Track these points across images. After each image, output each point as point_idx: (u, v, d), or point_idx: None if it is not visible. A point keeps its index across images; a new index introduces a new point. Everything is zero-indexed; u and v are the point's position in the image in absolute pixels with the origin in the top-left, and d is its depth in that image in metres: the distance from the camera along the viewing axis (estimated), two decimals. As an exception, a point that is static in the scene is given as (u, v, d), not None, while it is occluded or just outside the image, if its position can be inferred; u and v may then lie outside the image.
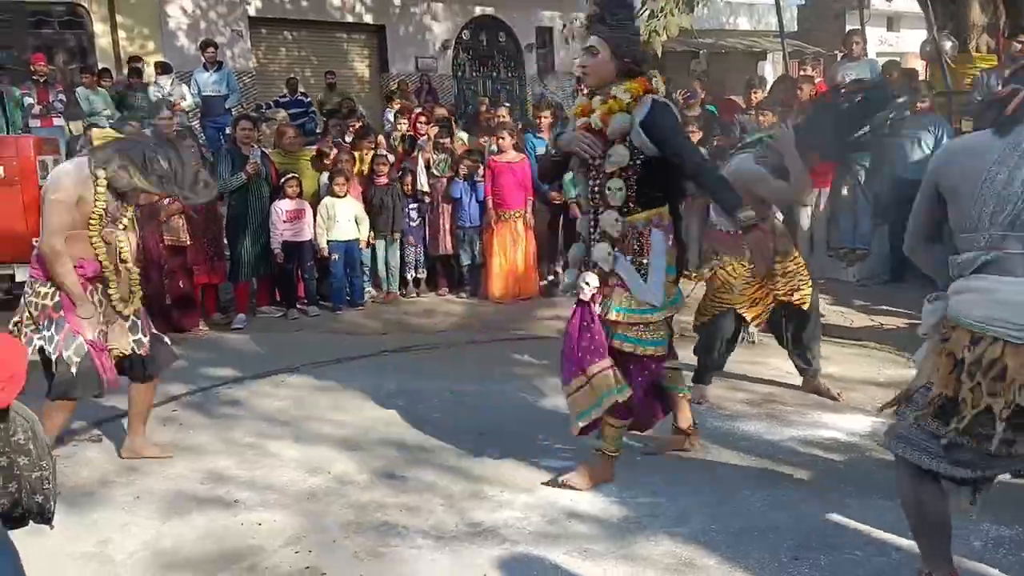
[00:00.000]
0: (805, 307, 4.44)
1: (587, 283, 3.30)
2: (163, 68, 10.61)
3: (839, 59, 9.01)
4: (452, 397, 4.70)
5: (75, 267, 3.54)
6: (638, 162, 3.24)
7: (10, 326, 3.59)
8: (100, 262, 3.58)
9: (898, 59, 10.74)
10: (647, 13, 8.14)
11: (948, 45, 7.30)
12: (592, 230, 3.41)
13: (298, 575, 2.89)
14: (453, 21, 15.89)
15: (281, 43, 14.38)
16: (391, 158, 7.53)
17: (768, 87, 8.46)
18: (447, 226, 7.49)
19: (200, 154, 6.89)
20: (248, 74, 13.36)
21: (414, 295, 7.49)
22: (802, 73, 8.66)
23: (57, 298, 3.53)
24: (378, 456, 3.90)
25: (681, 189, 3.51)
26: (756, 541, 3.00)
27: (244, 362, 5.48)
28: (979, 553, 2.87)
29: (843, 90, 6.72)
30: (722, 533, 3.06)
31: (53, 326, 3.52)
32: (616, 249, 3.29)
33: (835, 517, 3.17)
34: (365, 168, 7.39)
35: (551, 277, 7.67)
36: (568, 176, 7.15)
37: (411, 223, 7.42)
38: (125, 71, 10.38)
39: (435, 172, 7.52)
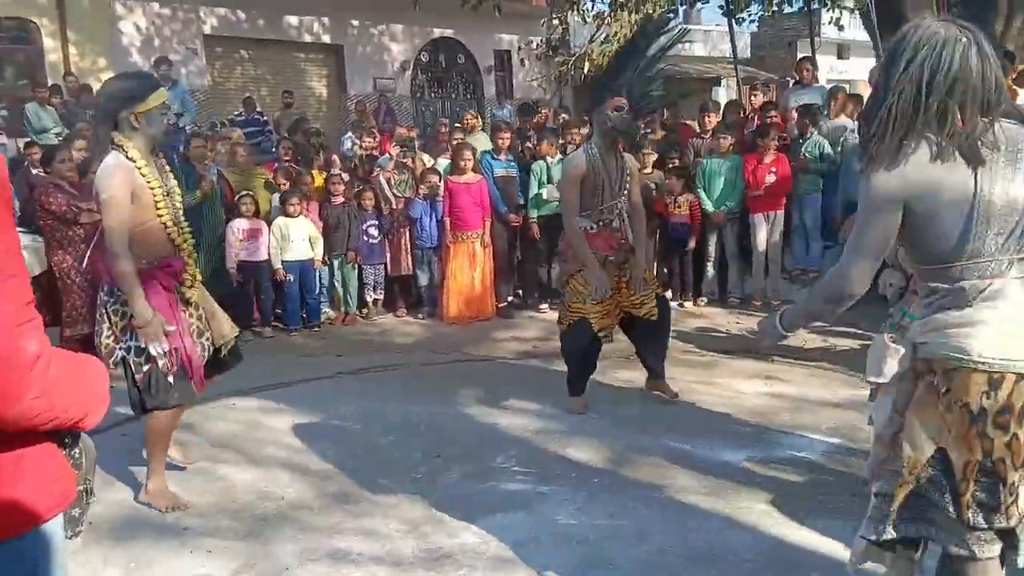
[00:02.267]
0: (652, 319, 4.67)
1: (890, 284, 3.36)
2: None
3: (791, 85, 9.21)
4: (409, 419, 4.64)
5: (161, 268, 3.38)
6: None
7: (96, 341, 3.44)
8: (175, 244, 3.45)
9: (847, 86, 11.00)
10: (602, 37, 8.24)
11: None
12: None
13: (249, 604, 2.81)
14: (412, 42, 15.92)
15: (237, 61, 14.25)
16: (346, 177, 7.48)
17: (720, 111, 8.59)
18: (407, 246, 7.45)
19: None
20: (203, 92, 13.20)
21: (373, 316, 7.42)
22: (752, 99, 8.84)
23: None
24: (333, 480, 3.82)
25: None
26: (713, 563, 2.99)
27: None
28: (932, 572, 2.89)
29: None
30: (679, 555, 3.05)
31: (136, 335, 3.33)
32: None
33: (792, 538, 3.18)
34: (319, 187, 7.35)
35: (510, 298, 7.66)
36: (531, 195, 7.27)
37: (371, 241, 7.36)
38: (64, 89, 10.13)
39: (396, 192, 7.48)
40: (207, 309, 3.63)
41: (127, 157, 3.28)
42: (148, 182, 3.33)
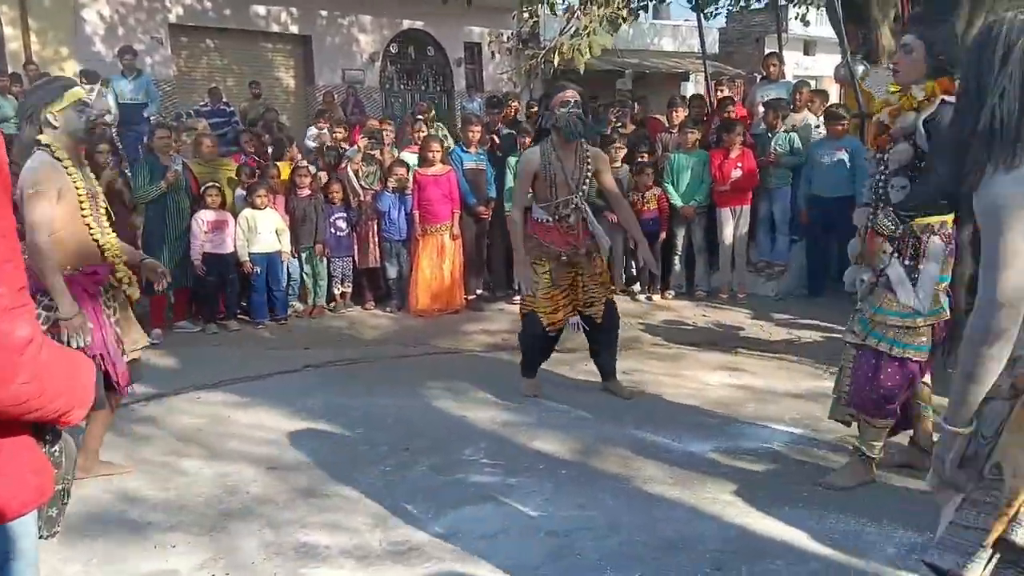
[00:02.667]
0: (598, 321, 4.74)
1: (861, 280, 3.34)
2: (87, 77, 10.20)
3: (758, 80, 9.29)
4: (376, 412, 4.63)
5: (86, 274, 3.39)
6: (922, 163, 3.21)
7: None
8: (100, 247, 3.43)
9: (813, 81, 11.14)
10: (572, 31, 8.25)
11: (860, 69, 7.60)
12: (869, 224, 3.40)
13: (213, 599, 2.79)
14: (381, 34, 15.80)
15: (203, 51, 14.04)
16: (312, 169, 7.41)
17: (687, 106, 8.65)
18: (375, 238, 7.42)
19: (116, 163, 6.67)
20: (168, 82, 13.00)
21: (341, 309, 7.37)
22: (720, 94, 8.91)
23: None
24: (299, 474, 3.80)
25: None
26: (681, 551, 3.02)
27: (159, 379, 5.28)
28: (893, 560, 2.95)
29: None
30: (648, 544, 3.07)
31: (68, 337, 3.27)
32: (892, 249, 3.28)
33: (756, 526, 3.22)
34: (285, 179, 7.28)
35: (479, 291, 7.65)
36: (507, 188, 7.26)
37: (339, 233, 7.31)
38: (25, 78, 9.91)
39: (364, 184, 7.44)
40: (123, 316, 3.64)
41: (54, 157, 3.30)
42: (74, 182, 3.35)
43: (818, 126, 7.65)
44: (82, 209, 3.39)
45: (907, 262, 3.28)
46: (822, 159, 6.93)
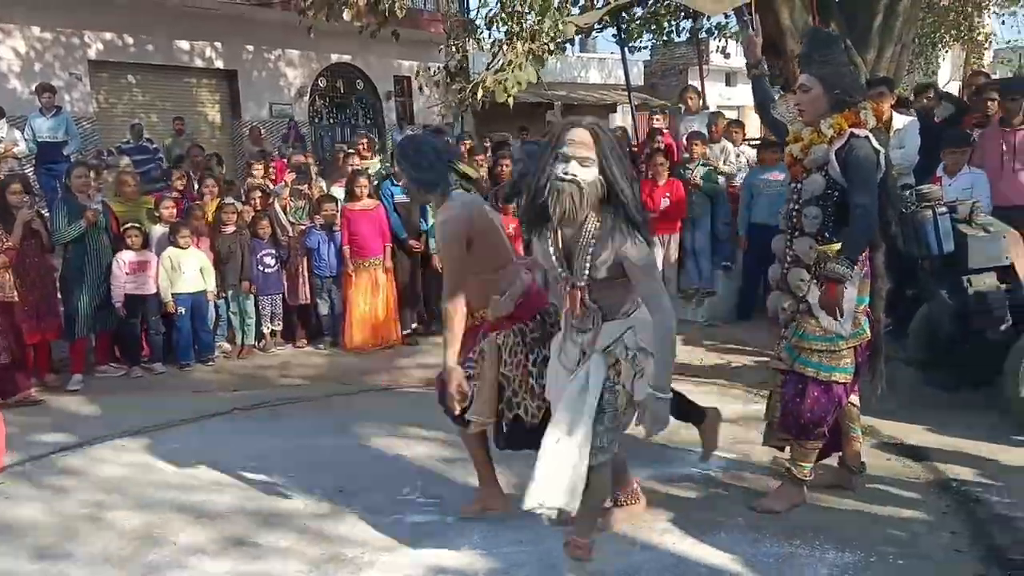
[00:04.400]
0: None
1: (784, 308, 3.41)
2: (-7, 113, 9.89)
3: (681, 112, 9.53)
4: (310, 454, 4.52)
5: None
6: (835, 193, 3.32)
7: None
8: None
9: (736, 111, 11.48)
10: (498, 65, 8.33)
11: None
12: (787, 252, 3.48)
13: (138, 659, 2.67)
14: (309, 67, 15.71)
15: (125, 87, 13.72)
16: (238, 206, 7.29)
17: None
18: (305, 274, 7.31)
19: (32, 203, 6.43)
20: (89, 119, 12.65)
21: (271, 348, 7.22)
22: (652, 125, 9.09)
23: None
24: (229, 522, 3.68)
25: (884, 221, 3.49)
26: (618, 584, 3.02)
27: (80, 426, 5.09)
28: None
29: None
30: (585, 579, 3.06)
31: None
32: (811, 276, 3.36)
33: (693, 553, 3.24)
34: (210, 217, 7.14)
35: (414, 325, 7.59)
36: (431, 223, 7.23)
37: (266, 270, 7.17)
38: None
39: (292, 219, 7.34)
40: None
41: None
42: None
43: (739, 155, 7.88)
44: None
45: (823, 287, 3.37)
46: (763, 188, 7.14)
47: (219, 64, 14.48)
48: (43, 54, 12.37)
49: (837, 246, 3.34)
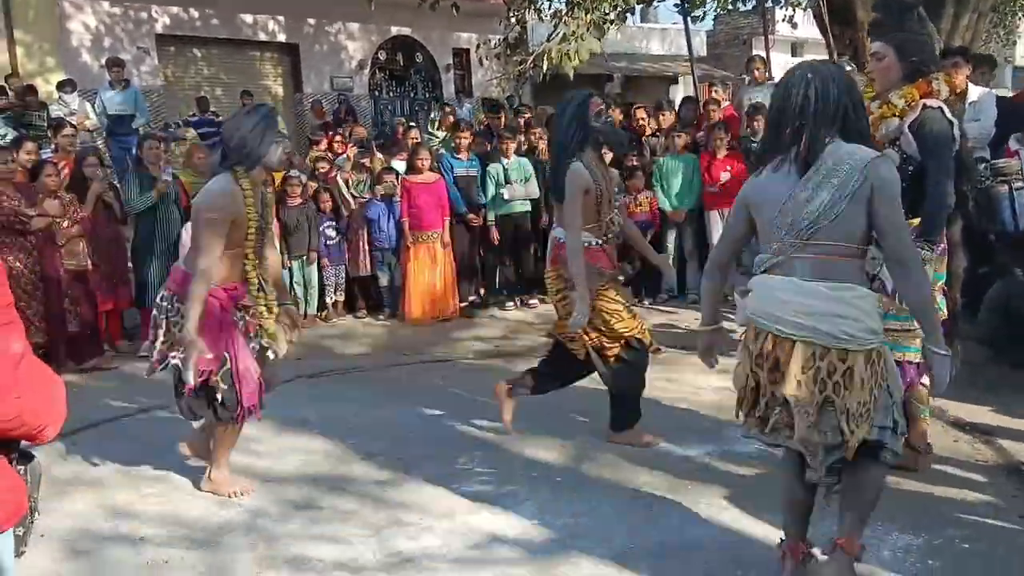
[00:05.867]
0: (580, 357, 4.04)
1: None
2: (67, 85, 10.19)
3: (746, 83, 9.32)
4: (370, 422, 4.61)
5: (226, 290, 3.42)
6: (909, 169, 3.21)
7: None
8: (250, 281, 3.48)
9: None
10: (559, 36, 8.25)
11: (847, 70, 7.66)
12: None
13: (207, 615, 2.77)
14: (369, 40, 15.79)
15: (191, 61, 14.01)
16: (303, 178, 7.40)
17: (676, 109, 8.65)
18: (365, 247, 7.40)
19: (105, 175, 6.64)
20: (156, 92, 12.96)
21: (333, 319, 7.35)
22: (711, 96, 8.92)
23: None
24: (293, 486, 3.78)
25: (960, 195, 3.41)
26: (675, 558, 3.02)
27: (151, 392, 5.23)
28: (889, 563, 2.96)
29: None
30: (642, 551, 3.07)
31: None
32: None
33: (752, 532, 3.21)
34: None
35: (472, 298, 7.64)
36: (488, 197, 7.26)
37: (328, 242, 7.29)
38: (10, 91, 9.86)
39: (354, 192, 7.43)
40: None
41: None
42: (248, 215, 3.40)
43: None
44: (247, 241, 3.43)
45: None
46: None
47: (281, 37, 14.67)
48: (112, 28, 12.68)
49: (916, 222, 3.22)
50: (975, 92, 6.25)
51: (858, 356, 2.41)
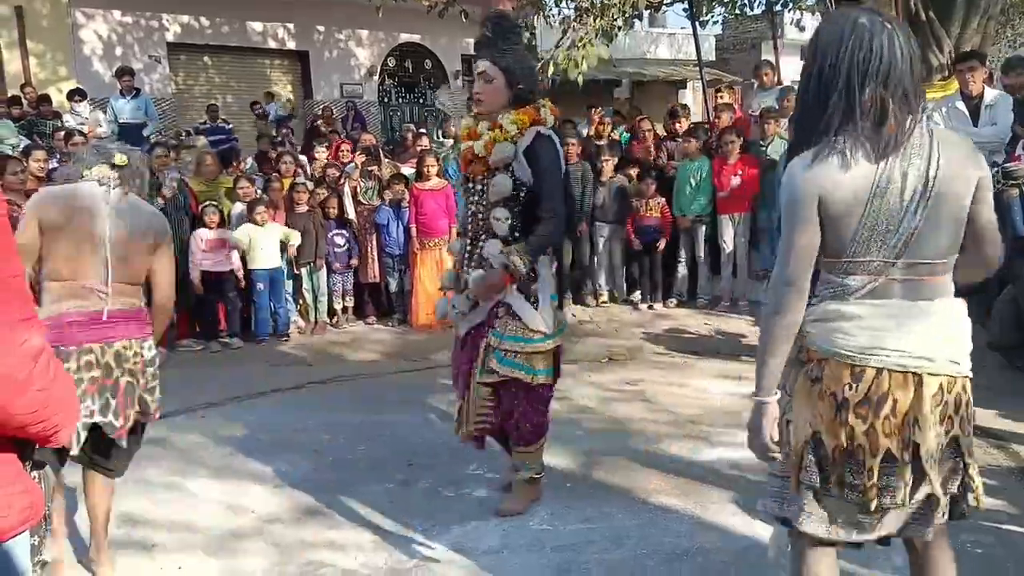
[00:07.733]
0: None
1: (454, 307, 3.33)
2: (77, 95, 10.28)
3: (754, 87, 9.32)
4: (380, 429, 4.62)
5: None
6: (522, 193, 3.20)
7: (126, 414, 3.07)
8: None
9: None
10: (568, 43, 8.27)
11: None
12: (468, 256, 3.35)
13: (220, 621, 2.78)
14: (378, 47, 15.86)
15: (201, 69, 14.10)
16: (310, 185, 7.43)
17: (689, 115, 8.67)
18: (374, 253, 7.43)
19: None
20: (167, 100, 13.06)
21: (343, 324, 7.38)
22: (719, 101, 8.92)
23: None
24: (304, 492, 3.79)
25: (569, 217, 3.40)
26: (686, 563, 3.02)
27: (163, 398, 5.28)
28: (902, 569, 2.94)
29: None
30: (654, 556, 3.07)
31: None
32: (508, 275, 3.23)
33: (762, 536, 3.20)
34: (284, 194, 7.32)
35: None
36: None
37: (337, 249, 7.32)
38: (24, 100, 9.96)
39: (362, 199, 7.46)
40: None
41: None
42: None
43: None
44: None
45: (523, 287, 3.25)
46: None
47: (291, 45, 14.75)
48: (124, 37, 12.78)
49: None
50: (991, 95, 6.23)
51: (968, 384, 1.96)
